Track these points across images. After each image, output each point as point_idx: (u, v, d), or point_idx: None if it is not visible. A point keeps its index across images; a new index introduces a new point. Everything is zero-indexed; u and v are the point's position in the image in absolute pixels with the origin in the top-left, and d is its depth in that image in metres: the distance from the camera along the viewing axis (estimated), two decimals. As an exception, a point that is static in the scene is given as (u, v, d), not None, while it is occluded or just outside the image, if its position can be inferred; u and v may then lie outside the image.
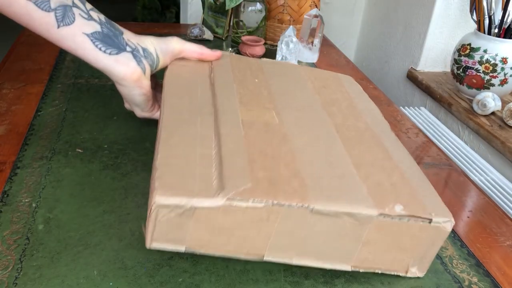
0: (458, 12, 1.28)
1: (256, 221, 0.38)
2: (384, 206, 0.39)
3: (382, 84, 1.53)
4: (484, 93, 1.09)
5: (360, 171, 0.43)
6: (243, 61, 0.62)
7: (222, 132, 0.44)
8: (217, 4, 1.04)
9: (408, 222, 0.40)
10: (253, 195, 0.37)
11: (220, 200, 0.36)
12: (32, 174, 0.53)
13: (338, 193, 0.40)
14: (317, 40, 0.96)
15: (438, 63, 1.36)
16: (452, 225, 0.41)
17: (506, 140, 1.00)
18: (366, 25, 1.62)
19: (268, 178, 0.39)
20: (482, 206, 0.58)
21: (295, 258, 0.41)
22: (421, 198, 0.42)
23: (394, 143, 0.51)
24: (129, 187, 0.52)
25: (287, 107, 0.52)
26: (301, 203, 0.37)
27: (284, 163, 0.42)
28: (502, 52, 1.08)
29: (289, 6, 1.01)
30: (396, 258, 0.42)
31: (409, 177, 0.45)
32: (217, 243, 0.39)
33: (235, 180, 0.38)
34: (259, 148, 0.43)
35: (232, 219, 0.37)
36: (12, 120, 0.64)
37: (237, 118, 0.47)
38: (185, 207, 0.36)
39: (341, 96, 0.59)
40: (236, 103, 0.50)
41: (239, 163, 0.40)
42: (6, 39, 2.63)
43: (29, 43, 0.91)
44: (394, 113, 0.79)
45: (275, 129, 0.47)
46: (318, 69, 0.67)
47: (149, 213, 0.36)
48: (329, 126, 0.50)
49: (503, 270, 0.47)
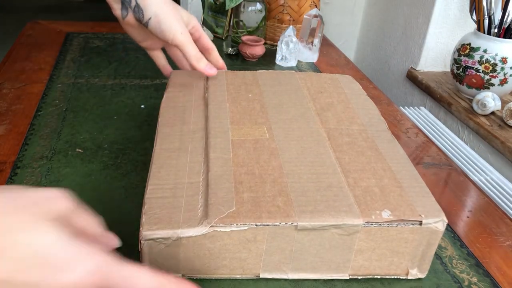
0: (458, 12, 1.28)
1: (244, 242, 0.39)
2: (371, 213, 0.40)
3: (382, 84, 1.54)
4: (484, 93, 1.09)
5: (349, 178, 0.44)
6: (239, 76, 0.64)
7: (211, 156, 0.46)
8: (217, 4, 1.04)
9: (397, 227, 0.40)
10: (237, 219, 0.38)
11: (204, 228, 0.37)
12: (32, 174, 0.53)
13: (323, 205, 0.40)
14: (317, 40, 0.96)
15: (438, 63, 1.36)
16: (445, 224, 0.41)
17: (506, 140, 1.01)
18: (366, 25, 1.62)
19: (253, 198, 0.40)
20: (482, 206, 0.58)
21: (290, 273, 0.42)
22: (411, 200, 0.42)
23: (389, 143, 0.51)
24: (129, 187, 0.53)
25: (279, 120, 0.53)
26: (285, 221, 0.38)
27: (271, 180, 0.43)
28: (502, 52, 1.08)
29: (289, 6, 1.01)
30: (394, 262, 0.42)
31: (401, 178, 0.45)
32: (210, 267, 0.40)
33: (219, 206, 0.39)
34: (247, 168, 0.44)
35: (220, 243, 0.39)
36: (12, 120, 0.64)
37: (227, 139, 0.49)
38: (171, 238, 0.38)
39: (338, 98, 0.60)
40: (228, 124, 0.52)
41: (225, 187, 0.41)
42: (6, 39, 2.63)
43: (29, 43, 0.91)
44: (394, 113, 0.79)
45: (264, 145, 0.48)
46: (316, 73, 0.68)
47: (140, 247, 0.38)
48: (321, 135, 0.51)
49: (503, 270, 0.47)
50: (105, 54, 0.90)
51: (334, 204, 0.40)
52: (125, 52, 0.92)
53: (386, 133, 0.53)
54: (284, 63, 0.93)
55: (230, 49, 0.96)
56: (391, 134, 0.53)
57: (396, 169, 0.46)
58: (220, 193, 0.41)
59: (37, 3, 3.55)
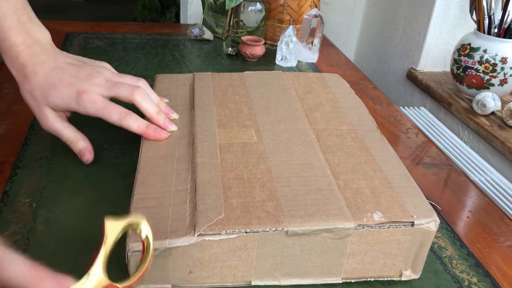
0: (458, 12, 1.28)
1: (234, 250, 0.38)
2: (362, 216, 0.39)
3: (382, 84, 1.54)
4: (484, 93, 1.09)
5: (339, 180, 0.44)
6: (225, 78, 0.63)
7: (198, 161, 0.45)
8: (217, 4, 1.04)
9: (389, 229, 0.40)
10: (226, 227, 0.37)
11: (192, 238, 0.37)
12: (32, 174, 0.53)
13: (314, 209, 0.40)
14: (317, 40, 0.96)
15: (438, 63, 1.36)
16: (437, 224, 0.40)
17: (506, 140, 1.01)
18: (366, 25, 1.62)
19: (242, 204, 0.40)
20: (482, 206, 0.58)
21: (283, 279, 0.41)
22: (403, 201, 0.42)
23: (378, 142, 0.51)
24: (129, 187, 0.52)
25: (267, 122, 0.53)
26: (275, 226, 0.38)
27: (260, 185, 0.42)
28: (502, 52, 1.08)
29: (289, 6, 1.01)
30: (387, 264, 0.42)
31: (392, 179, 0.45)
32: (201, 276, 0.39)
33: (207, 213, 0.38)
34: (235, 172, 0.44)
35: (209, 252, 0.38)
36: (12, 120, 0.64)
37: (215, 144, 0.48)
38: (159, 249, 0.37)
39: (326, 98, 0.60)
40: (215, 127, 0.51)
41: (213, 194, 0.41)
42: (6, 39, 2.62)
43: (29, 43, 0.91)
44: (394, 113, 0.79)
45: (252, 149, 0.48)
46: (303, 73, 0.68)
47: (127, 258, 0.37)
48: (310, 136, 0.51)
49: (502, 270, 0.47)
50: (105, 54, 0.90)
51: (325, 208, 0.40)
52: (125, 52, 0.92)
53: (375, 133, 0.53)
54: (284, 63, 0.93)
55: (230, 49, 0.96)
56: (381, 133, 0.53)
57: (386, 169, 0.46)
58: (208, 199, 0.40)
59: (37, 3, 3.55)
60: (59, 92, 0.51)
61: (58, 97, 0.51)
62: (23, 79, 0.51)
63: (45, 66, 0.51)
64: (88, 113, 0.52)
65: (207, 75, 0.63)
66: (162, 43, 1.00)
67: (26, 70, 0.51)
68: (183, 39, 1.03)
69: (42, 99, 0.51)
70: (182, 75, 0.64)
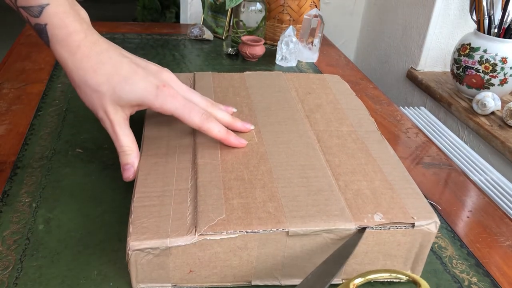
0: (458, 12, 1.28)
1: (235, 250, 0.38)
2: (363, 217, 0.39)
3: (382, 84, 1.54)
4: (484, 93, 1.09)
5: (340, 181, 0.44)
6: (226, 78, 0.63)
7: (199, 162, 0.45)
8: (217, 4, 1.04)
9: (389, 230, 0.40)
10: (227, 227, 0.37)
11: (193, 237, 0.37)
12: (32, 174, 0.53)
13: (315, 210, 0.40)
14: (317, 40, 0.96)
15: (438, 63, 1.36)
16: (437, 226, 0.40)
17: (506, 140, 1.01)
18: (366, 25, 1.62)
19: (243, 204, 0.40)
20: (482, 206, 0.58)
21: (282, 279, 0.41)
22: (403, 202, 0.42)
23: (378, 144, 0.51)
24: (129, 187, 0.52)
25: (267, 123, 0.53)
26: (276, 227, 0.38)
27: (260, 185, 0.42)
28: (501, 52, 1.08)
29: (289, 6, 1.01)
30: (387, 265, 0.42)
31: (392, 180, 0.45)
32: (201, 276, 0.39)
33: (208, 214, 0.38)
34: (236, 173, 0.44)
35: (210, 252, 0.38)
36: (12, 120, 0.64)
37: (216, 144, 0.48)
38: (160, 248, 0.37)
39: (326, 99, 0.60)
40: None
41: (214, 194, 0.41)
42: (6, 39, 2.62)
43: (29, 43, 0.92)
44: (394, 113, 0.79)
45: (253, 149, 0.48)
46: (304, 73, 0.68)
47: (127, 257, 0.37)
48: (310, 137, 0.51)
49: (502, 270, 0.47)
50: (105, 54, 0.90)
51: (326, 209, 0.40)
52: (125, 52, 0.92)
53: (375, 134, 0.53)
54: (284, 63, 0.93)
55: (230, 49, 0.96)
56: (381, 135, 0.53)
57: (387, 170, 0.46)
58: (209, 200, 0.40)
59: (37, 3, 3.53)
60: (134, 86, 0.44)
61: (133, 91, 0.44)
62: (85, 73, 0.43)
63: (111, 56, 0.44)
64: (163, 110, 0.45)
65: (208, 75, 0.64)
66: (162, 43, 1.00)
67: (91, 61, 0.43)
68: (183, 39, 1.03)
69: (112, 94, 0.44)
70: (182, 74, 0.64)
